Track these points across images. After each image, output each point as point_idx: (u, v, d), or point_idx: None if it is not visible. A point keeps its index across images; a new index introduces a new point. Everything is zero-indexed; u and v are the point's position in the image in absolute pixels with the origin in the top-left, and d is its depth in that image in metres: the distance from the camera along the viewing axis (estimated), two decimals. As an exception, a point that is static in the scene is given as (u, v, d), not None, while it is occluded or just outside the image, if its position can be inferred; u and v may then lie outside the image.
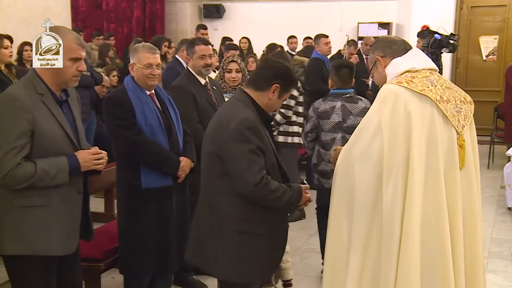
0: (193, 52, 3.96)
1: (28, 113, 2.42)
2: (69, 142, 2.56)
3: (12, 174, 2.39)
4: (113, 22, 10.73)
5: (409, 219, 2.19)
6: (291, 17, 10.36)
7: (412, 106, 2.25)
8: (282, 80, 2.60)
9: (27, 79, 2.57)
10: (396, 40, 2.55)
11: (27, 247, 2.48)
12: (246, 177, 2.42)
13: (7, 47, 5.23)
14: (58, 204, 2.51)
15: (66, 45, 2.54)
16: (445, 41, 6.76)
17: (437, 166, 2.25)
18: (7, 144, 2.40)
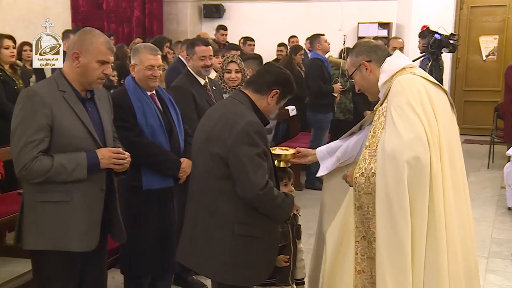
0: (193, 52, 3.96)
1: (46, 108, 2.45)
2: (92, 140, 2.56)
3: (29, 167, 2.41)
4: (113, 22, 10.72)
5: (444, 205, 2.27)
6: (291, 17, 10.36)
7: (432, 92, 2.37)
8: (283, 87, 2.62)
9: (51, 77, 2.63)
10: (379, 45, 2.63)
11: (48, 242, 2.51)
12: (253, 181, 2.41)
13: (8, 47, 5.23)
14: (79, 201, 2.53)
15: (96, 47, 2.55)
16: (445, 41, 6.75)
17: (459, 152, 2.40)
18: (25, 137, 2.43)
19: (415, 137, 2.21)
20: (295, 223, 3.13)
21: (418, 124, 2.23)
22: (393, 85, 2.38)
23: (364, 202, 2.41)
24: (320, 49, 6.74)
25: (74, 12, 10.26)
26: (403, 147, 2.20)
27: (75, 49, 2.55)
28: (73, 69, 2.56)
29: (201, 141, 2.61)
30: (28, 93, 2.53)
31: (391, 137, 2.25)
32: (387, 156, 2.23)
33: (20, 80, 5.39)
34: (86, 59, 2.53)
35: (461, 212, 2.36)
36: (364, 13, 10.18)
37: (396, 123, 2.26)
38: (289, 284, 3.07)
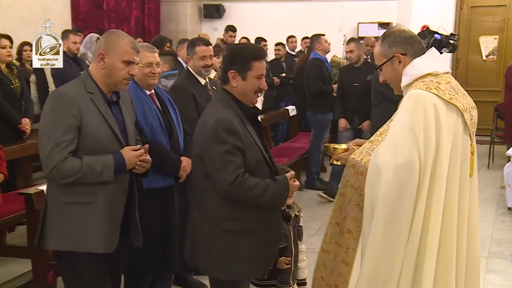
0: (193, 52, 3.96)
1: (74, 109, 2.46)
2: (116, 141, 2.59)
3: (59, 168, 2.43)
4: (113, 22, 10.72)
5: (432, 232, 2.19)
6: (291, 17, 10.36)
7: (442, 114, 2.22)
8: (233, 63, 2.57)
9: (79, 78, 2.63)
10: (414, 37, 2.42)
11: (71, 242, 2.53)
12: (221, 178, 2.45)
13: (4, 47, 5.24)
14: (102, 203, 2.54)
15: (121, 47, 2.56)
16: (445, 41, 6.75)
17: (455, 176, 2.26)
18: (54, 138, 2.44)
19: (406, 162, 2.14)
20: (296, 225, 3.13)
21: (414, 150, 2.15)
22: (404, 99, 2.28)
23: (348, 193, 2.43)
24: (320, 49, 6.74)
25: (74, 12, 10.26)
26: (392, 167, 2.16)
27: (100, 50, 2.57)
28: (99, 70, 2.57)
29: (193, 143, 2.69)
30: (57, 93, 2.55)
31: (385, 152, 2.21)
32: (377, 169, 2.21)
33: (16, 79, 5.39)
34: (112, 59, 2.54)
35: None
36: (364, 13, 10.18)
37: (394, 140, 2.21)
38: (290, 285, 3.08)
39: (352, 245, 2.44)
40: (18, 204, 3.94)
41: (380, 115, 4.49)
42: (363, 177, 2.32)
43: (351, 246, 2.45)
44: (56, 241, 2.56)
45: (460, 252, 2.31)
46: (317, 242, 4.80)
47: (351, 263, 2.44)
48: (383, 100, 5.25)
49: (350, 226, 2.44)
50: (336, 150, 2.62)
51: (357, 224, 2.40)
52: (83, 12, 10.48)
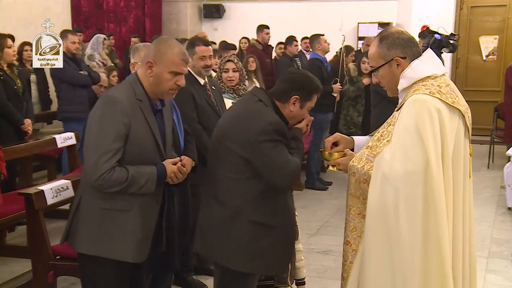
0: (193, 52, 3.96)
1: (126, 118, 2.43)
2: (157, 152, 2.57)
3: (106, 177, 2.40)
4: (112, 22, 10.73)
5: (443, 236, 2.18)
6: (291, 17, 10.36)
7: (445, 118, 2.20)
8: (300, 91, 2.65)
9: (129, 82, 2.57)
10: (412, 39, 2.37)
11: (102, 249, 2.51)
12: (280, 173, 2.55)
13: (10, 47, 5.25)
14: (137, 211, 2.53)
15: (170, 57, 2.51)
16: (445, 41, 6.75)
17: (459, 179, 2.26)
18: (104, 146, 2.40)
19: (414, 170, 2.13)
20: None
21: (422, 158, 2.13)
22: (407, 104, 2.23)
23: (348, 202, 2.38)
24: (320, 49, 6.74)
25: (75, 12, 10.26)
26: (401, 175, 2.14)
27: (149, 58, 2.52)
28: (147, 77, 2.53)
29: (218, 136, 2.66)
30: (109, 99, 2.48)
31: (392, 159, 2.17)
32: (384, 177, 2.18)
33: (18, 79, 5.39)
34: (159, 69, 2.50)
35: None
36: (364, 13, 10.19)
37: (401, 147, 2.18)
38: (288, 285, 3.07)
39: (349, 257, 2.37)
40: (18, 204, 3.94)
41: (380, 116, 4.50)
42: (366, 184, 2.27)
43: (349, 259, 2.38)
44: (87, 245, 2.53)
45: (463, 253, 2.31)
46: (317, 242, 4.82)
47: (347, 277, 2.38)
48: (382, 100, 5.26)
49: (349, 237, 2.37)
50: (331, 155, 2.55)
51: (357, 234, 2.34)
52: (85, 12, 10.49)
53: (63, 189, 3.59)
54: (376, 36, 2.44)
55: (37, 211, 3.31)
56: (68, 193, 3.62)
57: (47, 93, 7.30)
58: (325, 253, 4.65)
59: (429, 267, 2.16)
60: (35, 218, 3.33)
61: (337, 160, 2.50)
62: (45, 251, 3.37)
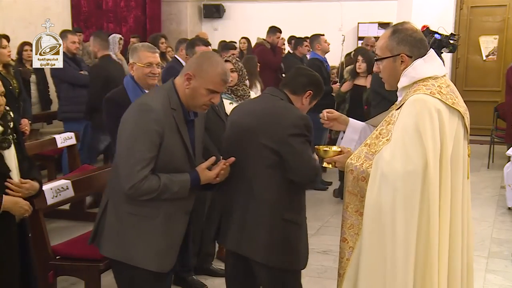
0: (193, 52, 3.99)
1: (160, 127, 2.40)
2: (188, 161, 2.55)
3: (138, 186, 2.39)
4: (112, 22, 10.74)
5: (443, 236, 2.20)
6: (291, 17, 10.36)
7: (445, 119, 2.21)
8: (315, 88, 2.83)
9: (164, 90, 2.54)
10: (423, 41, 2.37)
11: (125, 254, 2.50)
12: (307, 167, 2.65)
13: (5, 47, 5.24)
14: (163, 220, 2.50)
15: (211, 76, 2.48)
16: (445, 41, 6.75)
17: (458, 180, 2.26)
18: (137, 154, 2.39)
19: (414, 170, 2.14)
20: None
21: (421, 158, 2.14)
22: (407, 103, 2.24)
23: (345, 199, 2.39)
24: (320, 49, 6.73)
25: (75, 12, 10.26)
26: (400, 174, 2.15)
27: (190, 70, 2.49)
28: (183, 88, 2.50)
29: (239, 134, 2.73)
30: (143, 107, 2.44)
31: (392, 158, 2.18)
32: (383, 176, 2.19)
33: (14, 80, 5.38)
34: (197, 83, 2.47)
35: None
36: (364, 13, 10.19)
37: (400, 146, 2.18)
38: None
39: (346, 254, 2.39)
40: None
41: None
42: (364, 182, 2.29)
43: (345, 256, 2.40)
44: (111, 249, 2.53)
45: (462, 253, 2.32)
46: (317, 242, 4.82)
47: (343, 274, 2.40)
48: (382, 101, 5.25)
49: (346, 234, 2.39)
50: (326, 152, 2.55)
51: (354, 232, 2.36)
52: (85, 12, 10.49)
53: (63, 189, 3.59)
54: (390, 27, 2.44)
55: (37, 211, 3.31)
56: (68, 193, 3.62)
57: (47, 93, 7.30)
58: (325, 253, 4.65)
59: (418, 266, 2.18)
60: (35, 218, 3.32)
61: (334, 157, 2.52)
62: (45, 251, 3.37)
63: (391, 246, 2.18)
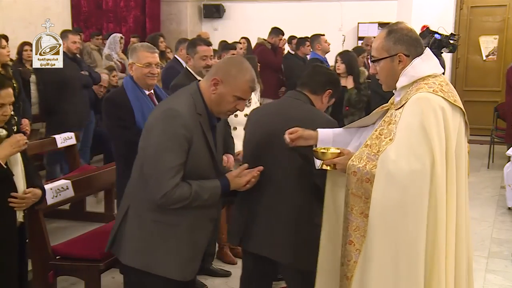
0: (194, 52, 4.00)
1: (188, 132, 2.35)
2: (212, 167, 2.50)
3: (169, 194, 2.32)
4: (111, 22, 10.74)
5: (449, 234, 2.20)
6: (291, 17, 10.36)
7: (449, 117, 2.21)
8: (334, 87, 2.88)
9: (189, 94, 2.46)
10: (419, 39, 2.37)
11: (147, 263, 2.43)
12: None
13: (4, 47, 5.24)
14: (188, 227, 2.45)
15: (240, 83, 2.42)
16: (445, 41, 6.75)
17: (461, 177, 2.27)
18: (168, 162, 2.32)
19: (422, 169, 2.13)
20: None
21: (428, 156, 2.13)
22: (411, 102, 2.23)
23: (350, 202, 2.35)
24: (320, 49, 6.73)
25: (75, 12, 10.27)
26: (407, 173, 2.14)
27: (217, 75, 2.42)
28: (209, 93, 2.44)
29: (266, 137, 2.74)
30: (170, 113, 2.36)
31: (398, 157, 2.16)
32: (390, 176, 2.16)
33: (13, 80, 5.38)
34: (225, 90, 2.41)
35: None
36: (364, 13, 10.19)
37: (406, 145, 2.17)
38: None
39: (353, 257, 2.35)
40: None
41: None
42: (369, 184, 2.25)
43: (352, 259, 2.35)
44: (132, 257, 2.45)
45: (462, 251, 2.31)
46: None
47: (351, 277, 2.36)
48: (381, 101, 5.24)
49: (352, 237, 2.35)
50: (324, 154, 2.46)
51: (360, 234, 2.32)
52: (85, 12, 10.50)
53: (63, 189, 3.59)
54: (385, 27, 2.42)
55: (37, 211, 3.31)
56: (68, 193, 3.61)
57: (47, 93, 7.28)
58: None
59: (427, 266, 2.17)
60: (35, 218, 3.32)
61: (334, 159, 2.44)
62: (45, 251, 3.37)
63: (402, 245, 2.16)
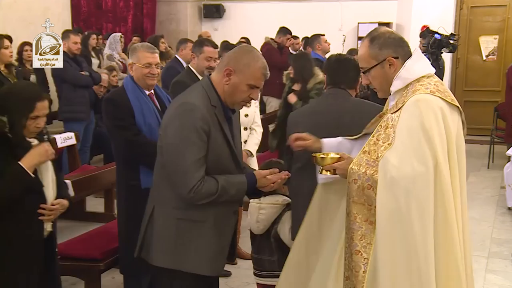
0: (200, 51, 4.06)
1: (206, 125, 2.33)
2: (232, 160, 2.47)
3: (197, 189, 2.30)
4: (110, 22, 10.75)
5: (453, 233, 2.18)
6: (291, 17, 10.36)
7: (448, 117, 2.19)
8: (358, 76, 2.94)
9: (201, 87, 2.44)
10: (403, 39, 2.36)
11: (177, 261, 2.42)
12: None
13: (7, 47, 5.25)
14: (213, 222, 2.44)
15: (253, 70, 2.40)
16: (445, 41, 6.77)
17: (462, 177, 2.26)
18: (190, 157, 2.30)
19: (425, 171, 2.10)
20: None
21: (431, 158, 2.11)
22: (409, 105, 2.20)
23: (352, 211, 2.30)
24: (320, 49, 6.74)
25: (75, 12, 10.27)
26: (411, 176, 2.11)
27: (230, 65, 2.40)
28: (222, 84, 2.42)
29: (327, 133, 2.66)
30: (187, 106, 2.35)
31: (401, 161, 2.13)
32: (394, 181, 2.13)
33: (15, 80, 5.39)
34: (238, 79, 2.39)
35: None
36: (364, 13, 10.19)
37: (408, 148, 2.14)
38: None
39: (362, 267, 2.27)
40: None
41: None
42: (371, 190, 2.21)
43: (361, 269, 2.27)
44: (162, 257, 2.44)
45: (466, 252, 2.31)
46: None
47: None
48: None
49: (359, 246, 2.28)
50: (324, 160, 2.40)
51: (367, 242, 2.26)
52: (85, 12, 10.50)
53: (63, 189, 3.58)
54: (365, 37, 2.38)
55: (37, 211, 3.30)
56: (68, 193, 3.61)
57: (47, 93, 7.30)
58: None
59: (442, 269, 2.15)
60: (35, 218, 3.32)
61: (334, 165, 2.38)
62: (45, 251, 3.36)
63: (411, 250, 2.12)
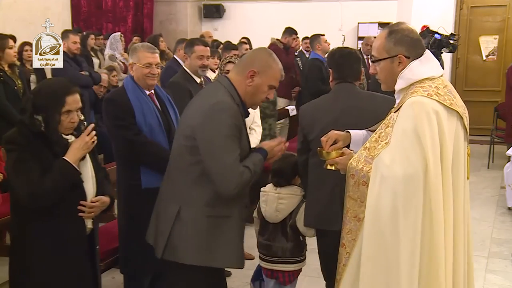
0: (191, 51, 4.05)
1: (238, 121, 2.42)
2: (248, 154, 2.54)
3: (240, 183, 2.38)
4: (110, 22, 10.75)
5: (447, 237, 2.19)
6: (291, 17, 10.35)
7: (444, 120, 2.19)
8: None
9: (223, 87, 2.50)
10: (420, 41, 2.35)
11: (209, 258, 2.46)
12: None
13: (11, 47, 5.26)
14: (238, 216, 2.52)
15: (274, 72, 2.51)
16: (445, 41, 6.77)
17: (459, 181, 2.25)
18: (233, 153, 2.38)
19: (414, 173, 2.11)
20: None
21: (421, 161, 2.12)
22: (405, 106, 2.21)
23: (346, 205, 2.34)
24: (320, 49, 6.73)
25: (75, 12, 10.28)
26: (400, 177, 2.12)
27: (254, 67, 2.48)
28: (245, 86, 2.49)
29: (352, 125, 2.68)
30: (221, 106, 2.41)
31: (391, 162, 2.15)
32: (383, 180, 2.15)
33: (18, 80, 5.39)
34: (261, 80, 2.48)
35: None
36: (364, 13, 10.19)
37: (400, 149, 2.16)
38: None
39: (343, 260, 2.35)
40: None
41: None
42: (365, 186, 2.24)
43: (342, 261, 2.35)
44: (195, 256, 2.45)
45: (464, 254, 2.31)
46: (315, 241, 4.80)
47: (340, 279, 2.36)
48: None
49: (344, 240, 2.35)
50: (329, 154, 2.48)
51: (352, 237, 2.32)
52: (85, 12, 10.51)
53: (63, 189, 3.58)
54: (386, 27, 2.39)
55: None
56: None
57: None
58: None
59: (423, 271, 2.14)
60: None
61: (336, 159, 2.43)
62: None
63: (394, 251, 2.14)
